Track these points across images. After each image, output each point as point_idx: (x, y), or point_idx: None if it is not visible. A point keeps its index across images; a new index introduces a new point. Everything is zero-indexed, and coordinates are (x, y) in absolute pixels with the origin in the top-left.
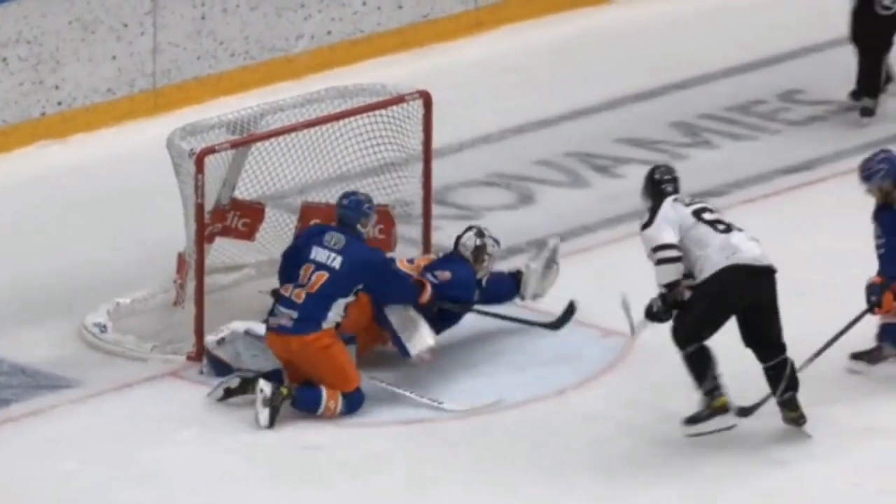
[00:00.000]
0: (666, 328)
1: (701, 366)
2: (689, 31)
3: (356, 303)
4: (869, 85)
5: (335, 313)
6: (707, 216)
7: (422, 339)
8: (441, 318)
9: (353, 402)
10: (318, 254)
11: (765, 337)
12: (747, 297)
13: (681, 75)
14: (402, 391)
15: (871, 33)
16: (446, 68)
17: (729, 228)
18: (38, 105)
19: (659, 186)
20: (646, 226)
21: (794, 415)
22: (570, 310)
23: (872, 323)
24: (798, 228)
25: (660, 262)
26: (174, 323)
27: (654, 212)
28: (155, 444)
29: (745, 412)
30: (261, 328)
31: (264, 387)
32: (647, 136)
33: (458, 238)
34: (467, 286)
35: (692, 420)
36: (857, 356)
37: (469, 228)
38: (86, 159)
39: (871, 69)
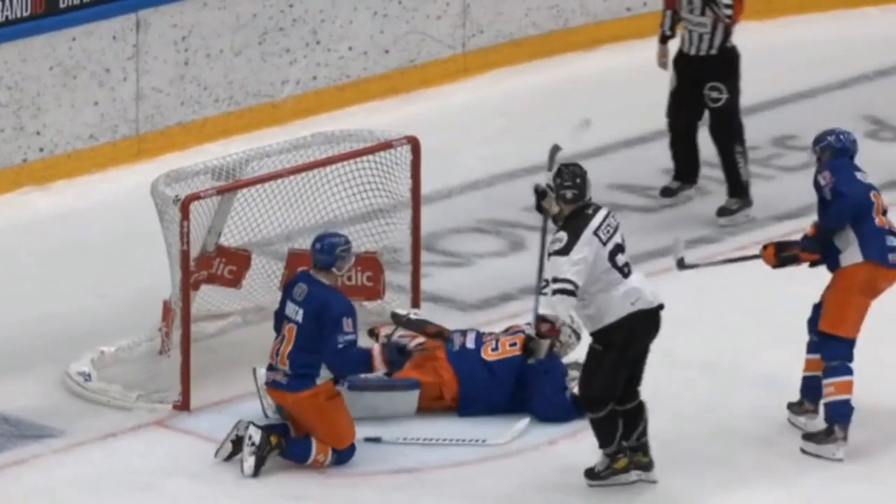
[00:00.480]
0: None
1: (610, 429)
2: None
3: (433, 357)
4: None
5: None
6: (619, 259)
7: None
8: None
9: (344, 456)
10: (289, 308)
11: (636, 377)
12: (648, 342)
13: None
14: (441, 441)
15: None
16: (434, 114)
17: (630, 269)
18: (20, 151)
19: (582, 198)
20: (560, 252)
21: (646, 460)
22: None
23: None
24: (790, 275)
25: (558, 292)
26: (160, 371)
27: (573, 239)
28: (140, 495)
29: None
30: None
31: (253, 434)
32: (639, 182)
33: None
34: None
35: (593, 475)
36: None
37: None
38: (68, 206)
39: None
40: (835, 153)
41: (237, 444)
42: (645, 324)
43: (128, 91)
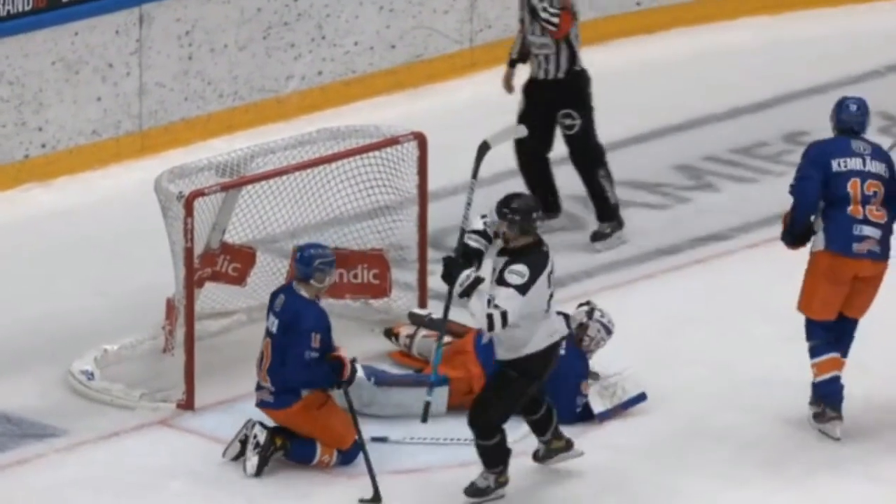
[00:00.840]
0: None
1: (501, 453)
2: (690, 73)
3: (461, 351)
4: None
5: None
6: (552, 301)
7: None
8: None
9: (349, 456)
10: (269, 319)
11: (539, 395)
12: (552, 370)
13: (682, 117)
14: (448, 440)
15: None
16: (440, 109)
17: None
18: (21, 147)
19: (536, 232)
20: (519, 289)
21: (562, 443)
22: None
23: None
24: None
25: (492, 316)
26: (163, 370)
27: (532, 280)
28: (143, 495)
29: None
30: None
31: (258, 434)
32: (648, 179)
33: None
34: None
35: (476, 493)
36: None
37: (585, 303)
38: (71, 203)
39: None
40: (837, 130)
41: (246, 444)
42: (555, 354)
43: (131, 86)
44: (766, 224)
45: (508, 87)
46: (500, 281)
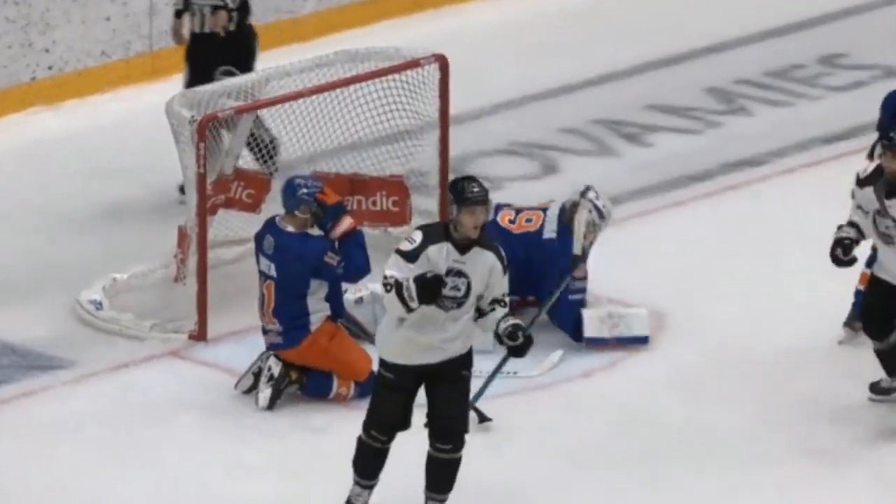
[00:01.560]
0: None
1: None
2: None
3: None
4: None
5: (315, 308)
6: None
7: None
8: None
9: (367, 388)
10: (262, 262)
11: None
12: None
13: (715, 38)
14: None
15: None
16: (463, 31)
17: None
18: (28, 69)
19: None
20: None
21: None
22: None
23: None
24: (841, 200)
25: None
26: (174, 300)
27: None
28: (153, 428)
29: None
30: None
31: (273, 366)
32: (679, 103)
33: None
34: None
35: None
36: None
37: (586, 189)
38: (79, 127)
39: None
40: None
41: (259, 376)
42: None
43: (141, 5)
44: (803, 148)
45: (178, 37)
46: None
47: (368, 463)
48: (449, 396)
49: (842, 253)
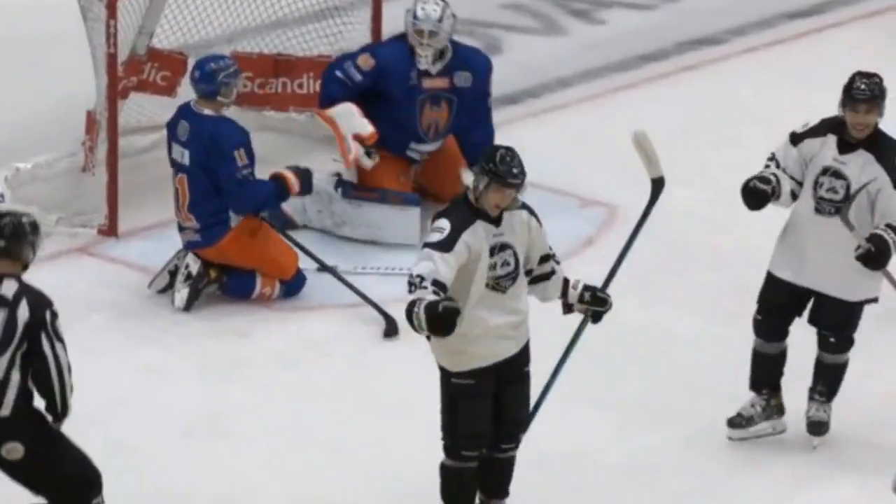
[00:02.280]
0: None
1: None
2: None
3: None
4: None
5: None
6: None
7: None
8: None
9: (294, 287)
10: (175, 150)
11: None
12: None
13: None
14: (404, 271)
15: None
16: None
17: None
18: None
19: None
20: None
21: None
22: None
23: None
24: (807, 81)
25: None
26: (83, 191)
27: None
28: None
29: None
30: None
31: (191, 263)
32: None
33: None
34: None
35: None
36: None
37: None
38: None
39: None
40: None
41: (175, 274)
42: None
43: None
44: (766, 25)
45: None
46: None
47: (465, 488)
48: (518, 400)
49: (755, 204)
